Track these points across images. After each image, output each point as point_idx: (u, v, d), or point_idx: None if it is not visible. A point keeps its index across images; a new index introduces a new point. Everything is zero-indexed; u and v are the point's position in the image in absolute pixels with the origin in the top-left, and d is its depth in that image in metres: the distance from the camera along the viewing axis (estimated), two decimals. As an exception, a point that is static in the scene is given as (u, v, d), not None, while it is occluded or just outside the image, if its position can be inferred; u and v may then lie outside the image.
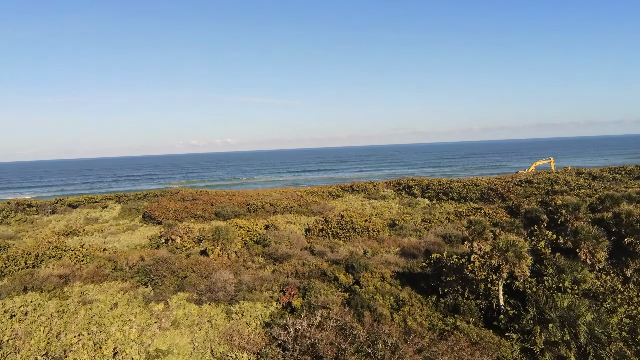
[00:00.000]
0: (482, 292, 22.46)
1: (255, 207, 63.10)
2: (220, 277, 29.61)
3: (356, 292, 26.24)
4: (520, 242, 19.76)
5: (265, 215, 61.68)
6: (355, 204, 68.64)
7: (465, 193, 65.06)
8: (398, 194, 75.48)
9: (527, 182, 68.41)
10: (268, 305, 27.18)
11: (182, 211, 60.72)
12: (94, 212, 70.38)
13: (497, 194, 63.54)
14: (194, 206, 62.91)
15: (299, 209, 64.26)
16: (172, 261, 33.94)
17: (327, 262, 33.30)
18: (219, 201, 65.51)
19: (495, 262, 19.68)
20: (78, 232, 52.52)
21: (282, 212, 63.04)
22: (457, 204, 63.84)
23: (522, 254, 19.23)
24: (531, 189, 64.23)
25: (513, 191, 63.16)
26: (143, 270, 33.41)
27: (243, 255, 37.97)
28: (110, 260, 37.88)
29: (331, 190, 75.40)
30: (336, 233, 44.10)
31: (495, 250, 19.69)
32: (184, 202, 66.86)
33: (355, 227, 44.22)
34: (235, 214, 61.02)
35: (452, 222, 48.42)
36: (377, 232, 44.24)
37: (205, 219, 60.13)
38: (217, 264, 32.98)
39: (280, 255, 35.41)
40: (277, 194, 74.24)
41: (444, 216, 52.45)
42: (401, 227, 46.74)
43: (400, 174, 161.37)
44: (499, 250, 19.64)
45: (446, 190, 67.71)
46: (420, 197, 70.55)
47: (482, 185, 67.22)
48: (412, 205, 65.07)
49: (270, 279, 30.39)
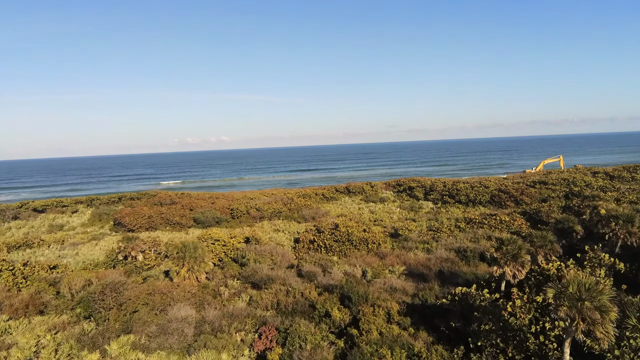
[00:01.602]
0: (534, 351, 15.86)
1: (240, 212, 56.24)
2: (178, 313, 22.83)
3: (354, 339, 19.57)
4: (601, 286, 13.13)
5: (250, 222, 54.88)
6: (351, 208, 61.97)
7: (473, 196, 58.53)
8: (398, 196, 68.85)
9: (541, 183, 61.99)
10: (237, 355, 20.45)
11: (156, 217, 53.73)
12: (61, 217, 63.23)
13: (509, 196, 57.07)
14: (171, 212, 55.95)
15: (289, 214, 57.51)
16: (123, 288, 27.11)
17: (317, 289, 26.58)
18: (200, 205, 58.57)
19: (563, 314, 13.06)
20: (32, 244, 45.42)
21: (269, 218, 56.25)
22: (465, 207, 57.31)
23: (606, 307, 12.64)
24: (547, 191, 57.80)
25: (527, 193, 56.70)
26: (86, 300, 26.59)
27: (216, 277, 31.15)
28: (53, 285, 31.00)
29: (325, 192, 68.64)
30: (329, 246, 37.37)
31: (564, 299, 13.04)
32: (160, 206, 59.85)
33: (352, 239, 37.52)
34: (217, 220, 54.12)
35: (464, 232, 41.84)
36: (377, 245, 37.57)
37: (182, 226, 53.18)
38: (178, 292, 26.16)
39: (260, 278, 28.64)
40: (266, 197, 67.39)
41: (452, 223, 45.87)
42: (405, 239, 40.07)
43: (398, 173, 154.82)
44: (569, 299, 13.01)
45: (452, 193, 61.14)
46: (423, 200, 63.96)
47: (491, 186, 60.70)
48: (414, 209, 58.43)
49: (244, 315, 23.63)
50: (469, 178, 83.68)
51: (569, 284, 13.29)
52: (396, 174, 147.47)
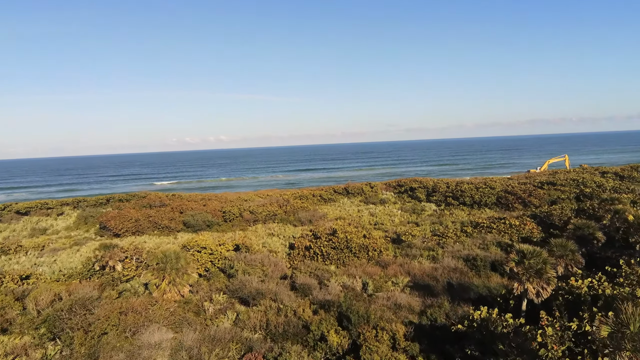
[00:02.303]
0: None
1: (232, 215, 53.24)
2: (151, 337, 19.90)
3: (354, 372, 16.67)
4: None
5: (243, 225, 51.91)
6: (350, 210, 59.05)
7: (479, 197, 55.65)
8: (399, 197, 65.96)
9: (549, 184, 59.13)
10: (217, 390, 17.53)
11: (144, 221, 50.72)
12: (45, 220, 60.13)
13: (516, 198, 54.22)
14: (160, 214, 52.93)
15: (285, 216, 54.56)
16: (93, 305, 24.13)
17: (312, 305, 23.64)
18: (191, 208, 55.58)
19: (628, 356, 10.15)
20: (8, 250, 42.40)
21: (263, 221, 53.28)
22: (470, 210, 54.43)
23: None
24: (556, 192, 54.96)
25: (535, 195, 53.85)
26: (52, 318, 23.60)
27: (201, 290, 28.18)
28: (20, 299, 28.01)
29: (323, 194, 65.69)
30: (327, 254, 34.43)
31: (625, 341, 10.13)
32: (150, 209, 56.86)
33: (351, 246, 34.59)
34: (208, 224, 51.14)
35: (472, 237, 38.93)
36: (378, 253, 34.64)
37: (171, 230, 50.19)
38: (155, 310, 23.19)
39: (249, 293, 25.68)
40: (261, 198, 64.44)
41: (458, 227, 42.99)
42: (409, 245, 37.15)
43: (398, 173, 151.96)
44: (631, 340, 10.10)
45: (456, 194, 58.24)
46: (425, 202, 61.07)
47: (497, 187, 57.81)
48: (416, 212, 55.55)
49: (228, 337, 20.68)
50: (472, 178, 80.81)
51: (628, 321, 10.39)
52: (396, 174, 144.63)
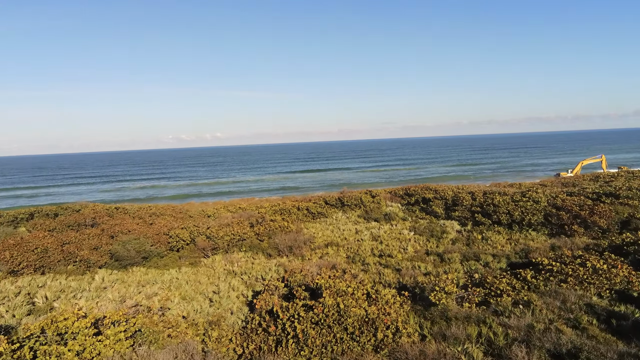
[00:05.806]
0: None
1: (182, 242, 38.51)
2: None
3: None
4: None
5: (195, 257, 37.20)
6: (345, 231, 44.45)
7: (519, 215, 41.09)
8: (409, 210, 51.36)
9: (608, 196, 44.67)
10: None
11: (54, 251, 35.85)
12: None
13: (572, 216, 39.73)
14: (82, 240, 38.15)
15: (256, 241, 39.95)
16: None
17: None
18: (128, 230, 40.75)
19: None
20: None
21: (226, 249, 38.60)
22: (509, 232, 39.90)
23: None
24: (624, 208, 40.54)
25: (598, 212, 39.32)
26: None
27: None
28: None
29: (310, 206, 50.94)
30: (305, 338, 19.76)
31: None
32: (74, 231, 42.05)
33: (346, 322, 19.92)
34: (145, 255, 36.36)
35: (538, 291, 24.28)
36: (393, 333, 19.96)
37: (89, 265, 35.30)
38: None
39: None
40: (230, 213, 49.72)
41: (504, 265, 28.54)
42: (443, 313, 22.42)
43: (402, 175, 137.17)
44: None
45: (487, 209, 43.63)
46: (444, 219, 46.51)
47: (542, 200, 43.26)
48: (435, 234, 40.98)
49: None
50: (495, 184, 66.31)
51: None
52: (400, 176, 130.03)
